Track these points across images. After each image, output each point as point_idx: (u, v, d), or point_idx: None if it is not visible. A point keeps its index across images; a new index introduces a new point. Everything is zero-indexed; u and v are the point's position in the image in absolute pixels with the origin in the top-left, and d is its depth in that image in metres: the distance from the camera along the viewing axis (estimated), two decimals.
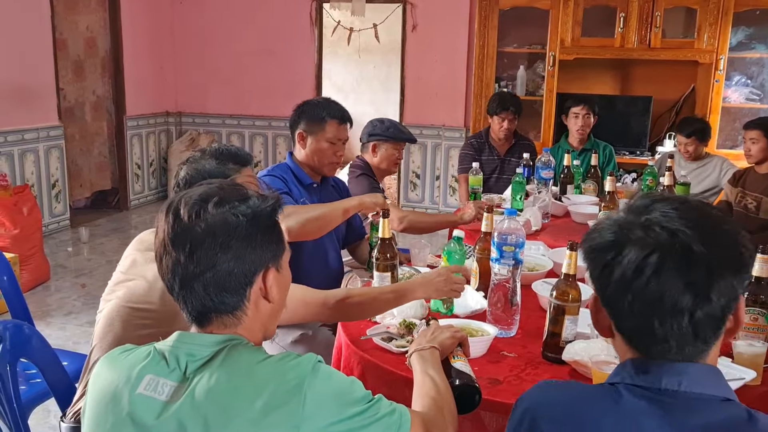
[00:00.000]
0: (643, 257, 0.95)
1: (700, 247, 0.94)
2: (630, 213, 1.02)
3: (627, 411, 0.97)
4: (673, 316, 0.95)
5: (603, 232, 1.02)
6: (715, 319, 0.96)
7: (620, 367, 1.03)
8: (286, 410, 1.04)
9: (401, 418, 1.15)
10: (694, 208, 1.00)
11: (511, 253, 1.85)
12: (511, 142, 4.24)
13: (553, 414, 1.02)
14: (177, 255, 1.11)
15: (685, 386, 0.96)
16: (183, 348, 1.12)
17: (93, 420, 1.12)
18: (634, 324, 0.99)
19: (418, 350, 1.47)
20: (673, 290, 0.94)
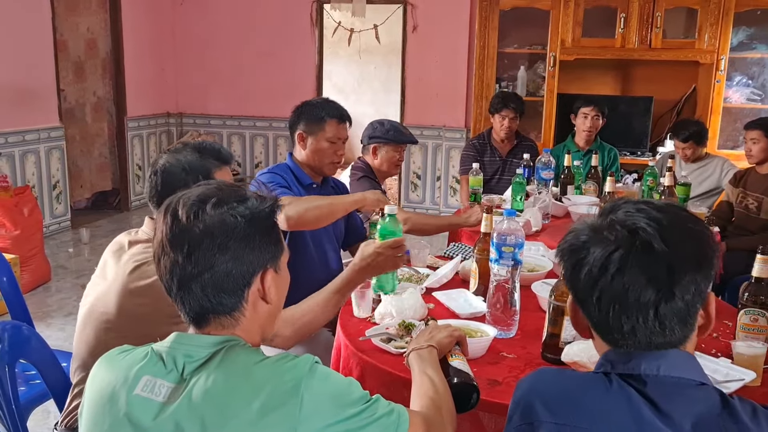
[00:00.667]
0: (607, 255, 1.01)
1: (661, 244, 0.99)
2: (600, 216, 1.07)
3: (615, 392, 1.02)
4: (638, 310, 1.00)
5: (576, 234, 1.08)
6: (681, 313, 1.01)
7: (601, 359, 1.08)
8: (283, 411, 1.04)
9: (399, 418, 1.15)
10: (658, 207, 1.04)
11: (510, 253, 1.85)
12: (513, 142, 4.24)
13: (547, 398, 1.06)
14: (175, 256, 1.11)
15: (663, 371, 1.01)
16: (180, 349, 1.11)
17: (90, 421, 1.12)
18: (604, 320, 1.04)
19: (416, 350, 1.47)
20: (636, 286, 0.99)
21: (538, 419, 1.04)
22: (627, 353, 1.04)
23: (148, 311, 1.57)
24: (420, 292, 2.05)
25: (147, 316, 1.58)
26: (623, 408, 1.00)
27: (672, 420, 0.97)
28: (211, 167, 1.73)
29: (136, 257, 1.65)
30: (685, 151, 4.18)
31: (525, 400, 1.08)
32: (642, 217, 1.02)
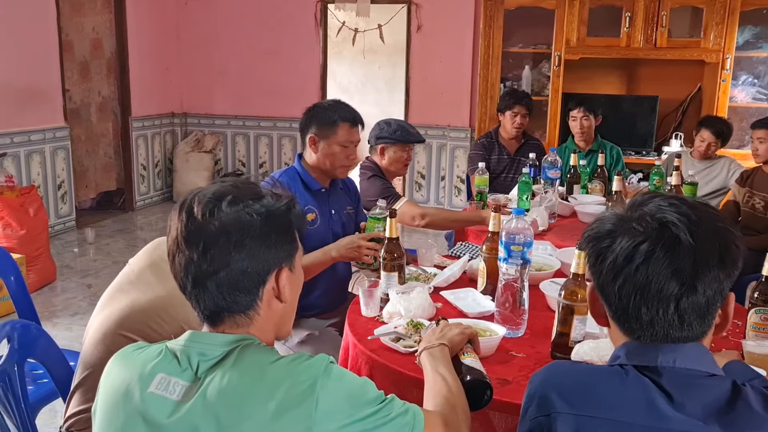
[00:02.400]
0: (634, 245, 1.02)
1: (688, 239, 1.00)
2: (630, 207, 1.08)
3: (631, 383, 1.03)
4: (659, 302, 1.01)
5: (603, 223, 1.09)
6: (700, 309, 1.02)
7: (618, 349, 1.09)
8: (298, 411, 1.03)
9: (415, 418, 1.15)
10: (689, 204, 1.05)
11: (519, 252, 1.85)
12: (521, 141, 4.24)
13: (564, 389, 1.07)
14: (190, 253, 1.10)
15: (679, 363, 1.03)
16: (195, 347, 1.11)
17: (104, 417, 1.11)
18: (623, 309, 1.05)
19: (428, 348, 1.46)
20: (660, 277, 1.00)
21: (556, 411, 1.04)
22: (644, 345, 1.05)
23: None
24: (428, 292, 2.04)
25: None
26: (639, 398, 1.01)
27: (684, 408, 0.99)
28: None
29: None
30: (709, 146, 4.15)
31: (540, 393, 1.08)
32: (672, 211, 1.03)
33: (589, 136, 4.28)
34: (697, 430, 0.98)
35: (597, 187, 3.65)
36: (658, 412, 0.99)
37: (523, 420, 1.10)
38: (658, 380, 1.02)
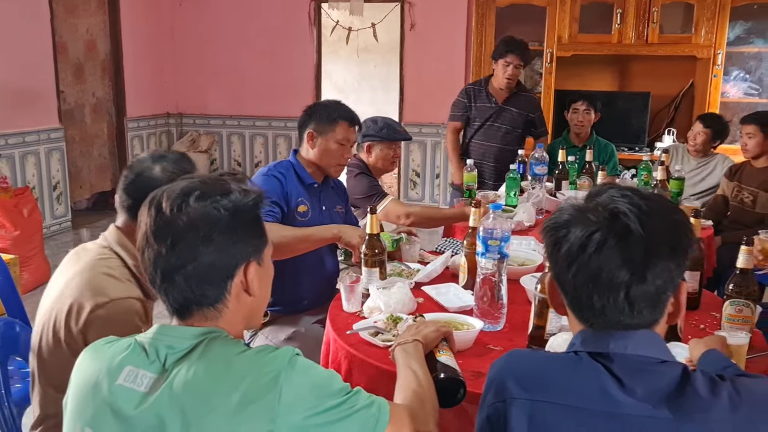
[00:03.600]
0: (587, 235, 1.05)
1: (639, 229, 1.02)
2: (586, 198, 1.11)
3: (584, 369, 1.06)
4: (610, 290, 1.04)
5: (561, 213, 1.12)
6: (650, 297, 1.05)
7: (574, 338, 1.12)
8: (262, 403, 1.05)
9: (380, 410, 1.16)
10: (642, 195, 1.08)
11: (496, 247, 1.86)
12: (513, 91, 4.20)
13: (520, 376, 1.10)
14: (159, 248, 1.12)
15: (630, 349, 1.06)
16: (163, 340, 1.13)
17: (74, 410, 1.13)
18: (577, 297, 1.08)
19: (401, 344, 1.48)
20: (611, 266, 1.03)
21: (511, 396, 1.07)
22: (597, 332, 1.08)
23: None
24: (409, 287, 2.06)
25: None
26: (591, 383, 1.04)
27: (635, 393, 1.02)
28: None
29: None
30: (697, 137, 4.15)
31: (498, 380, 1.11)
32: (624, 202, 1.05)
33: (586, 132, 4.30)
34: (646, 414, 1.00)
35: (586, 183, 3.66)
36: (610, 397, 1.02)
37: (482, 406, 1.13)
38: (610, 366, 1.05)
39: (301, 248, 2.32)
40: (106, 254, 1.65)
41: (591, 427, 1.02)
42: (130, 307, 1.54)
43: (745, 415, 1.00)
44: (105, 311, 1.52)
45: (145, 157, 1.72)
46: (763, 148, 3.68)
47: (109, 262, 1.64)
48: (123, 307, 1.53)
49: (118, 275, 1.60)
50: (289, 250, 2.30)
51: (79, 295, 1.56)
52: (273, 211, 2.37)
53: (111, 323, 1.41)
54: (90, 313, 1.52)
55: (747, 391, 1.03)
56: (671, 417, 0.99)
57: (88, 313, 1.52)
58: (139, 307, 1.55)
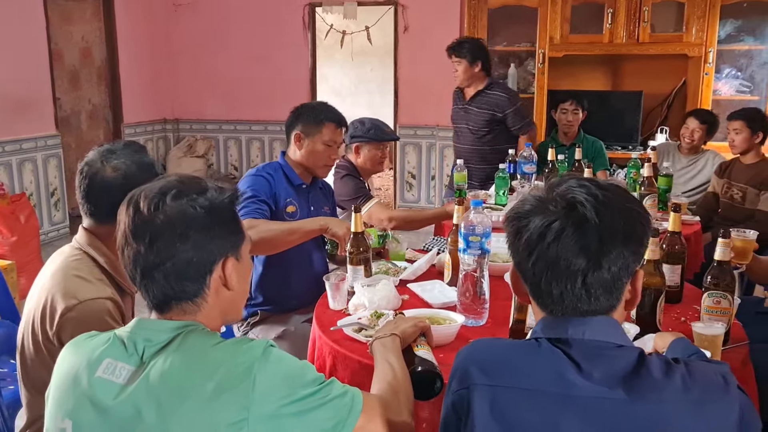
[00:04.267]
0: (547, 224, 1.09)
1: (595, 218, 1.06)
2: (547, 189, 1.14)
3: (544, 355, 1.10)
4: (567, 277, 1.08)
5: (524, 203, 1.15)
6: (606, 284, 1.08)
7: (536, 326, 1.16)
8: (236, 392, 1.08)
9: (353, 400, 1.19)
10: (599, 185, 1.11)
11: (477, 243, 1.89)
12: (479, 88, 4.23)
13: (482, 362, 1.14)
14: (137, 246, 1.16)
15: (588, 335, 1.10)
16: (141, 333, 1.16)
17: (55, 402, 1.17)
18: (537, 285, 1.11)
19: (379, 338, 1.51)
20: (568, 254, 1.07)
21: (474, 383, 1.11)
22: (556, 319, 1.12)
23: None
24: (393, 284, 2.09)
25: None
26: (550, 368, 1.08)
27: (591, 376, 1.05)
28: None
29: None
30: (693, 134, 4.17)
31: (462, 367, 1.15)
32: (582, 192, 1.09)
33: (574, 130, 4.33)
34: (602, 395, 1.04)
35: None
36: (567, 381, 1.06)
37: (447, 394, 1.16)
38: (568, 351, 1.08)
39: (289, 241, 2.35)
40: (77, 255, 1.67)
41: (549, 409, 1.05)
42: (100, 308, 1.56)
43: (697, 396, 1.03)
44: (75, 313, 1.54)
45: (93, 158, 1.70)
46: (750, 144, 3.71)
47: (79, 263, 1.65)
48: (92, 308, 1.55)
49: (87, 276, 1.62)
50: (279, 244, 2.34)
51: (51, 297, 1.59)
52: (261, 209, 2.41)
53: (82, 324, 1.44)
54: (61, 316, 1.55)
55: (700, 373, 1.07)
56: (626, 398, 1.03)
57: (59, 316, 1.55)
58: (111, 306, 1.57)
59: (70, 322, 1.53)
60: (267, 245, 2.33)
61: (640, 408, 1.02)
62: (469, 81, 4.25)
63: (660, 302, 1.85)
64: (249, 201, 2.40)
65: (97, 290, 1.59)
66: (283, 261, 2.50)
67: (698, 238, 3.12)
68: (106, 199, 1.62)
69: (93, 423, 1.10)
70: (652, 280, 1.87)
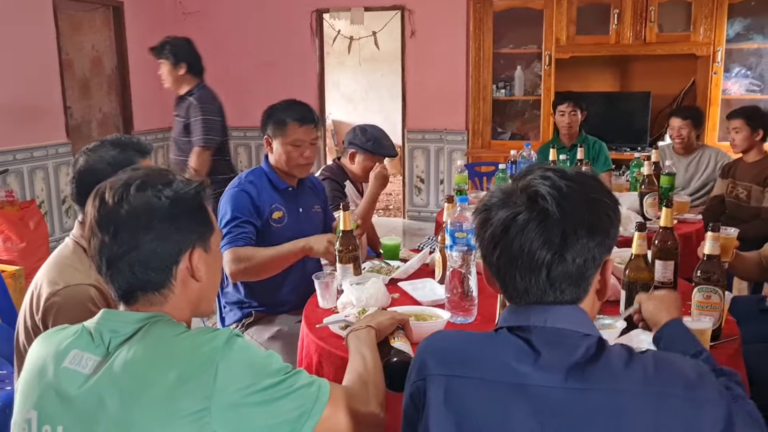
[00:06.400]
0: (511, 217, 1.07)
1: (556, 211, 1.04)
2: (513, 180, 1.13)
3: (500, 343, 1.10)
4: (531, 271, 1.06)
5: (491, 196, 1.13)
6: (572, 276, 1.07)
7: (501, 315, 1.15)
8: (197, 382, 1.08)
9: (319, 390, 1.19)
10: (565, 176, 1.09)
11: (463, 239, 1.89)
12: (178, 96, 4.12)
13: (437, 352, 1.14)
14: (102, 236, 1.16)
15: (550, 323, 1.08)
16: (107, 325, 1.17)
17: (23, 393, 1.17)
18: (502, 277, 1.10)
19: (355, 330, 1.51)
20: (532, 247, 1.06)
21: (429, 373, 1.10)
22: (519, 307, 1.11)
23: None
24: (383, 282, 2.09)
25: None
26: (504, 356, 1.07)
27: (548, 365, 1.04)
28: (134, 159, 1.75)
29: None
30: (680, 131, 4.09)
31: (420, 359, 1.14)
32: (545, 185, 1.08)
33: (574, 132, 4.30)
34: (556, 385, 1.02)
35: None
36: (521, 370, 1.04)
37: (407, 384, 1.16)
38: (528, 338, 1.07)
39: (275, 267, 2.36)
40: (70, 246, 1.71)
41: (501, 398, 1.04)
42: (83, 293, 1.58)
43: (658, 389, 1.00)
44: (59, 297, 1.57)
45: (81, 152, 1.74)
46: (750, 142, 3.67)
47: (71, 253, 1.69)
48: (75, 293, 1.57)
49: (76, 264, 1.65)
50: (263, 272, 2.36)
51: (39, 285, 1.63)
52: (244, 232, 2.39)
53: (64, 309, 1.46)
54: (46, 301, 1.58)
55: (669, 366, 1.05)
56: (580, 387, 1.01)
57: (44, 301, 1.58)
58: (94, 293, 1.59)
59: (53, 307, 1.55)
60: (257, 273, 2.35)
61: (594, 398, 1.00)
62: (177, 84, 4.04)
63: None
64: (231, 227, 2.38)
65: (84, 277, 1.61)
66: None
67: (700, 236, 3.08)
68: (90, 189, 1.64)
69: (57, 412, 1.11)
70: (641, 274, 1.85)
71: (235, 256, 2.31)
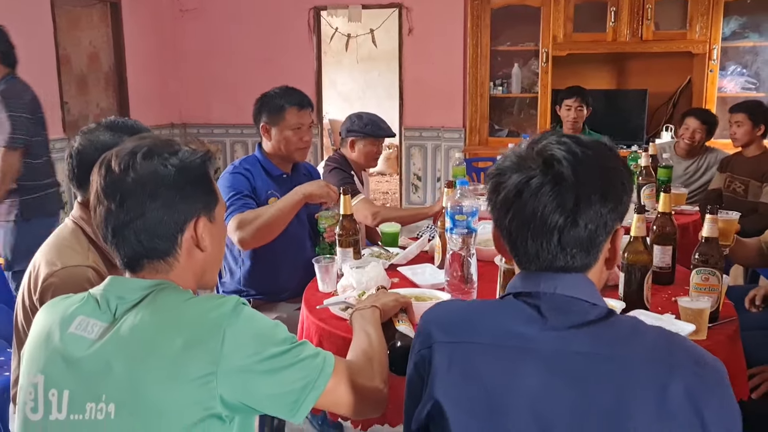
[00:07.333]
0: (525, 181, 1.06)
1: (571, 175, 1.04)
2: (528, 145, 1.12)
3: (507, 309, 1.10)
4: (543, 234, 1.06)
5: (505, 159, 1.12)
6: (583, 242, 1.06)
7: (510, 282, 1.14)
8: (204, 347, 1.09)
9: (324, 362, 1.20)
10: (580, 142, 1.08)
11: (463, 222, 1.89)
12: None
13: (443, 322, 1.13)
14: (108, 204, 1.17)
15: (560, 290, 1.07)
16: (114, 291, 1.17)
17: (29, 359, 1.18)
18: (513, 242, 1.10)
19: (359, 309, 1.52)
20: (545, 211, 1.05)
21: (436, 341, 1.10)
22: (529, 274, 1.11)
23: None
24: (383, 266, 2.09)
25: None
26: (511, 321, 1.07)
27: (556, 329, 1.04)
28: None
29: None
30: (695, 134, 4.01)
31: (424, 329, 1.14)
32: (561, 149, 1.07)
33: (578, 127, 4.32)
34: (562, 348, 1.02)
35: None
36: (528, 334, 1.04)
37: (411, 354, 1.15)
38: (537, 304, 1.07)
39: (283, 220, 2.38)
40: (69, 226, 1.70)
41: (508, 362, 1.03)
42: (81, 274, 1.57)
43: (666, 359, 0.99)
44: (56, 279, 1.57)
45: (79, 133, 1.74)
46: (751, 137, 3.69)
47: (69, 234, 1.68)
48: (73, 274, 1.57)
49: (74, 245, 1.64)
50: (275, 227, 2.37)
51: (37, 265, 1.62)
52: (248, 204, 2.43)
53: (62, 290, 1.45)
54: (43, 282, 1.57)
55: (677, 339, 1.04)
56: (588, 351, 1.01)
57: (42, 281, 1.57)
58: (92, 274, 1.58)
59: (51, 288, 1.55)
60: (266, 233, 2.36)
61: (601, 362, 1.00)
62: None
63: (647, 279, 1.84)
64: (234, 199, 2.41)
65: (82, 258, 1.61)
66: (274, 251, 2.51)
67: (697, 227, 3.10)
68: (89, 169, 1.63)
69: (63, 376, 1.12)
70: (640, 257, 1.86)
71: (241, 221, 2.34)
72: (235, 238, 2.32)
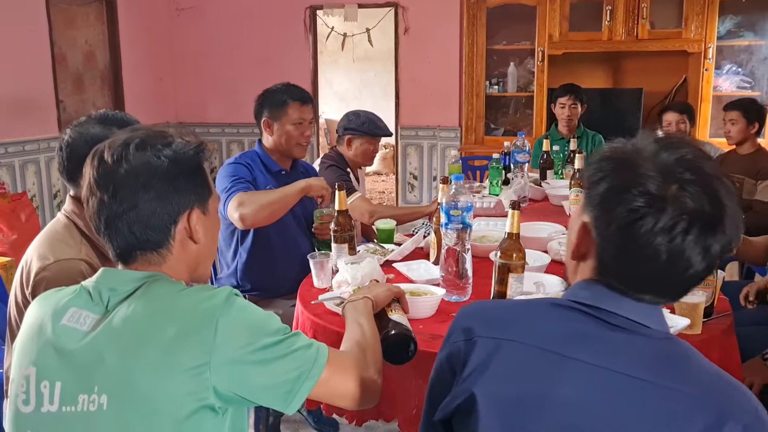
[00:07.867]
0: (673, 223, 0.94)
1: (723, 224, 0.97)
2: (665, 150, 0.99)
3: (557, 317, 1.04)
4: (677, 275, 0.97)
5: (637, 165, 0.98)
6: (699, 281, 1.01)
7: (575, 285, 1.07)
8: (198, 337, 1.08)
9: (318, 352, 1.19)
10: (728, 190, 1.02)
11: (458, 217, 1.89)
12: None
13: (489, 318, 1.09)
14: (101, 195, 1.17)
15: (624, 312, 1.00)
16: (106, 283, 1.17)
17: (21, 351, 1.17)
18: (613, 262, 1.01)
19: (351, 300, 1.51)
20: (691, 254, 0.95)
21: (479, 335, 1.05)
22: (611, 292, 1.02)
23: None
24: (378, 262, 2.09)
25: None
26: (560, 327, 1.02)
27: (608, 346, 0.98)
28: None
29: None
30: (678, 126, 4.04)
31: (464, 323, 1.09)
32: (711, 187, 0.98)
33: (573, 125, 4.33)
34: (610, 365, 0.96)
35: (571, 173, 3.68)
36: (575, 345, 0.99)
37: (444, 346, 1.12)
38: (592, 313, 1.02)
39: (285, 204, 2.42)
40: (62, 221, 1.70)
41: (548, 368, 0.99)
42: (73, 268, 1.56)
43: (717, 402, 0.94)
44: (48, 272, 1.56)
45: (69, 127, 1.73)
46: (746, 135, 3.69)
47: (62, 228, 1.68)
48: (65, 267, 1.56)
49: (66, 238, 1.64)
50: (275, 209, 2.40)
51: (29, 260, 1.61)
52: (248, 187, 2.46)
53: (54, 284, 1.44)
54: (36, 275, 1.56)
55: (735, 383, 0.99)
56: (634, 375, 0.95)
57: (34, 275, 1.57)
58: (85, 268, 1.58)
59: (43, 282, 1.54)
60: (267, 213, 2.39)
61: (651, 387, 0.94)
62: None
63: None
64: (236, 181, 2.43)
65: (74, 252, 1.60)
66: (269, 247, 2.51)
67: None
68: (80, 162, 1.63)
69: (56, 368, 1.11)
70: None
71: (243, 199, 2.37)
72: (236, 215, 2.34)
